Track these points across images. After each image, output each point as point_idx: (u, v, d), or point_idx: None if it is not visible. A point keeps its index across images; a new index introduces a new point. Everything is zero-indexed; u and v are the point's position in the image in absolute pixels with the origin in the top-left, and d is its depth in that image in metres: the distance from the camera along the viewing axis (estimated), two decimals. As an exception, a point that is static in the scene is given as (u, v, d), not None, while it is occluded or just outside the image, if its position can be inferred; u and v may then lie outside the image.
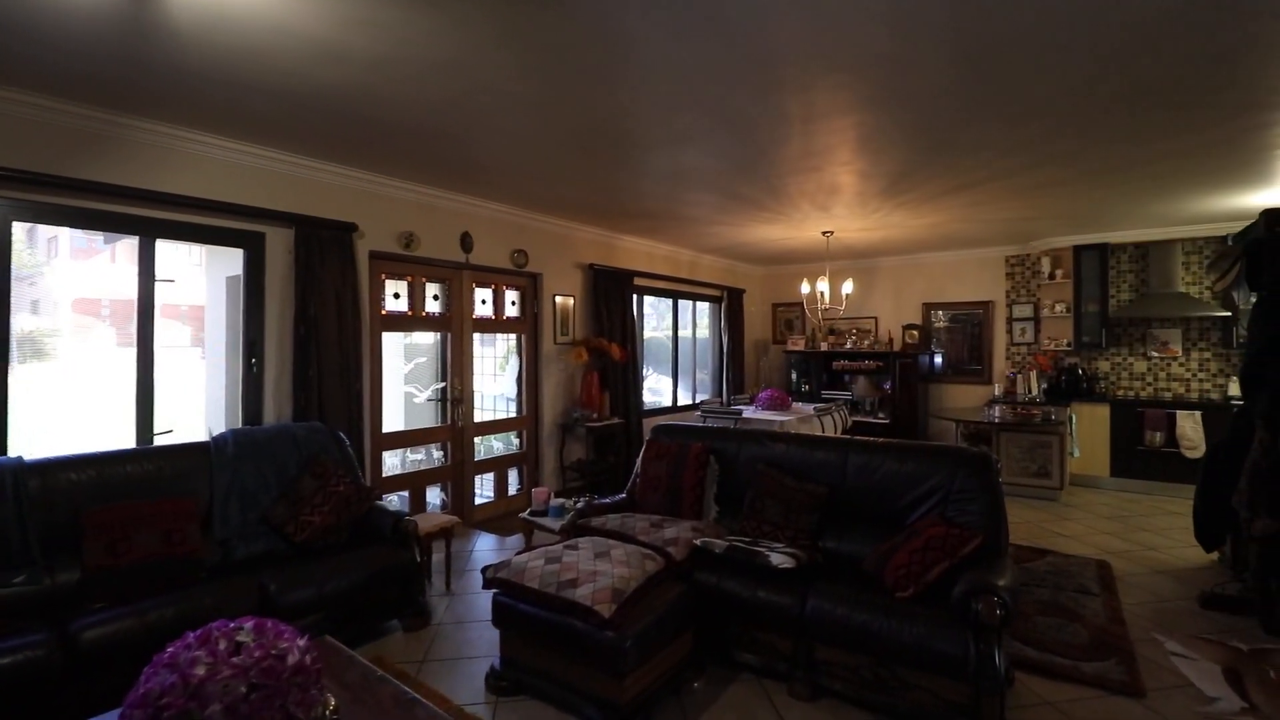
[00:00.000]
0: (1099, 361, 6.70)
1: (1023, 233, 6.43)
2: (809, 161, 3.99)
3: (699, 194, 4.80)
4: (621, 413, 6.12)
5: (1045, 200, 4.99)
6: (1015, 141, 3.63)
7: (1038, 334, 7.04)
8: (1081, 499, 5.81)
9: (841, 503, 3.17)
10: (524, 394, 5.55)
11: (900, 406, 7.28)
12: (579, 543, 2.96)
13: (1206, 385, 6.19)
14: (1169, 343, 6.35)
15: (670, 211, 5.38)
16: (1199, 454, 5.71)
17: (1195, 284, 6.24)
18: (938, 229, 6.11)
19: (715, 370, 8.26)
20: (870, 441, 3.26)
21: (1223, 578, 3.79)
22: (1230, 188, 4.63)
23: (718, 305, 8.22)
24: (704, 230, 6.25)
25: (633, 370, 6.34)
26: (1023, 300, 7.17)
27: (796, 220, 5.68)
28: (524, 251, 5.40)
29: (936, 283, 7.71)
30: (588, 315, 6.08)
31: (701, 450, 3.54)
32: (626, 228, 6.15)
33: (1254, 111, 3.19)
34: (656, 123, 3.36)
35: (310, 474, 3.43)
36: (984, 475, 2.86)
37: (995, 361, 7.34)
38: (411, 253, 4.57)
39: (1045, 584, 3.83)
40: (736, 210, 5.34)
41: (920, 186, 4.55)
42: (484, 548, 4.58)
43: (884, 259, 8.00)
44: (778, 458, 3.40)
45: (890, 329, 7.93)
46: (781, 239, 6.65)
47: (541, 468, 5.61)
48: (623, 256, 6.52)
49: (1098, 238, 6.41)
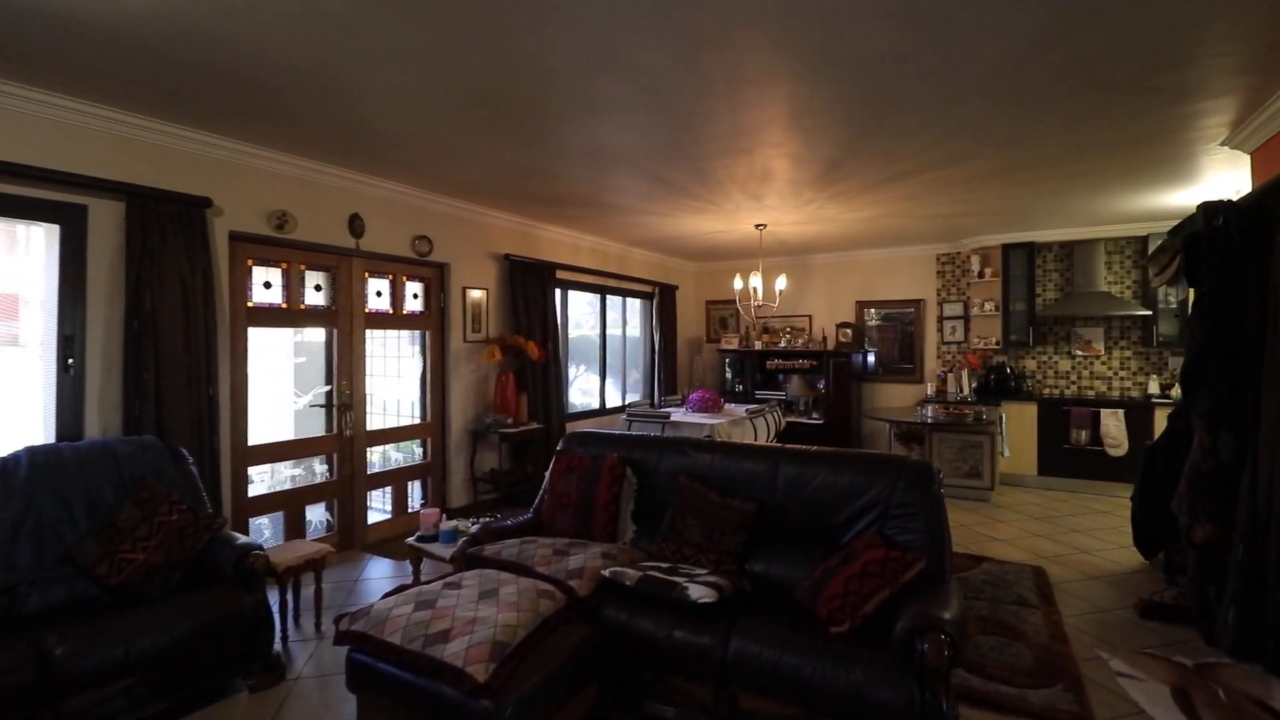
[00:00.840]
0: (1026, 360, 6.70)
1: (954, 230, 6.33)
2: (738, 142, 3.63)
3: (622, 177, 4.37)
4: (542, 417, 5.62)
5: (977, 195, 4.83)
6: (952, 124, 3.37)
7: (968, 333, 6.99)
8: (1012, 499, 5.73)
9: (772, 520, 2.81)
10: (429, 397, 4.97)
11: (834, 406, 7.09)
12: (464, 578, 2.47)
13: (1128, 383, 6.26)
14: (1092, 341, 6.39)
15: (593, 198, 4.93)
16: (1122, 451, 5.74)
17: (1117, 283, 6.30)
18: (871, 224, 5.92)
19: (646, 370, 7.87)
20: (803, 450, 2.91)
21: (1158, 584, 3.67)
22: (1154, 186, 4.59)
23: (649, 302, 7.83)
24: (632, 221, 5.84)
25: (555, 370, 5.86)
26: (953, 299, 7.12)
27: (728, 211, 5.34)
28: (428, 238, 4.82)
29: (870, 280, 7.58)
30: (504, 310, 5.55)
31: (616, 462, 3.11)
32: (547, 216, 5.66)
33: (1186, 99, 3.03)
34: (566, 87, 2.90)
35: (134, 501, 2.80)
36: (925, 487, 2.55)
37: (927, 360, 7.27)
38: (286, 235, 3.94)
39: (984, 595, 3.61)
40: (664, 198, 4.94)
41: (854, 175, 4.28)
42: (376, 575, 4.00)
43: (818, 256, 7.82)
44: (702, 469, 3.00)
45: (824, 327, 7.75)
46: (714, 232, 6.32)
47: (449, 479, 5.05)
48: (544, 248, 6.02)
49: (1025, 236, 6.39)
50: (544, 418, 5.66)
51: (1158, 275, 3.32)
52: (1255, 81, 2.85)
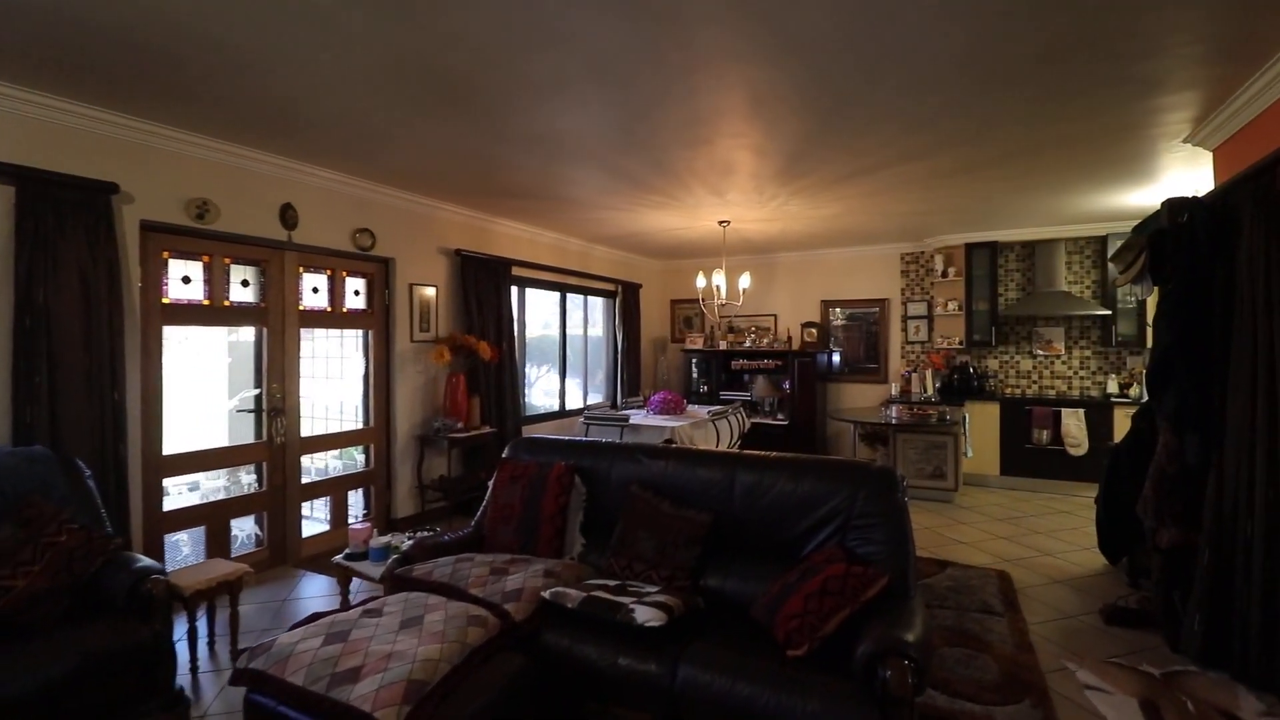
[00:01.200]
0: (989, 360, 6.69)
1: (918, 229, 6.27)
2: (697, 131, 3.44)
3: (576, 168, 4.16)
4: (496, 420, 5.37)
5: (939, 193, 4.74)
6: (912, 118, 3.25)
7: (931, 332, 6.95)
8: (975, 499, 5.68)
9: (728, 531, 2.62)
10: (372, 401, 4.68)
11: (799, 407, 6.98)
12: (387, 604, 2.23)
13: (1087, 383, 6.28)
14: (1053, 341, 6.40)
15: (547, 190, 4.70)
16: (1082, 451, 5.74)
17: (1077, 283, 6.32)
18: (836, 222, 5.81)
19: (609, 371, 7.66)
20: (761, 457, 2.73)
21: (1121, 588, 3.60)
22: (1114, 184, 4.56)
23: (612, 300, 7.62)
24: (591, 216, 5.62)
25: (510, 371, 5.61)
26: (917, 298, 7.07)
27: (690, 206, 5.17)
28: (370, 232, 4.53)
29: (834, 279, 7.50)
30: (455, 308, 5.28)
31: (564, 471, 2.89)
32: (502, 210, 5.40)
33: (1151, 92, 2.95)
34: (504, 65, 2.68)
35: (16, 520, 2.48)
36: (888, 496, 2.40)
37: (891, 360, 7.21)
38: (208, 226, 3.62)
39: (948, 604, 3.49)
40: (623, 191, 4.74)
41: (816, 170, 4.14)
42: (309, 594, 3.71)
43: (783, 254, 7.71)
44: (655, 478, 2.81)
45: (789, 327, 7.64)
46: (678, 229, 6.14)
47: (395, 488, 4.76)
48: (499, 243, 5.76)
49: (988, 236, 6.37)
50: (498, 421, 5.41)
51: (1122, 273, 3.24)
52: (1222, 73, 2.77)
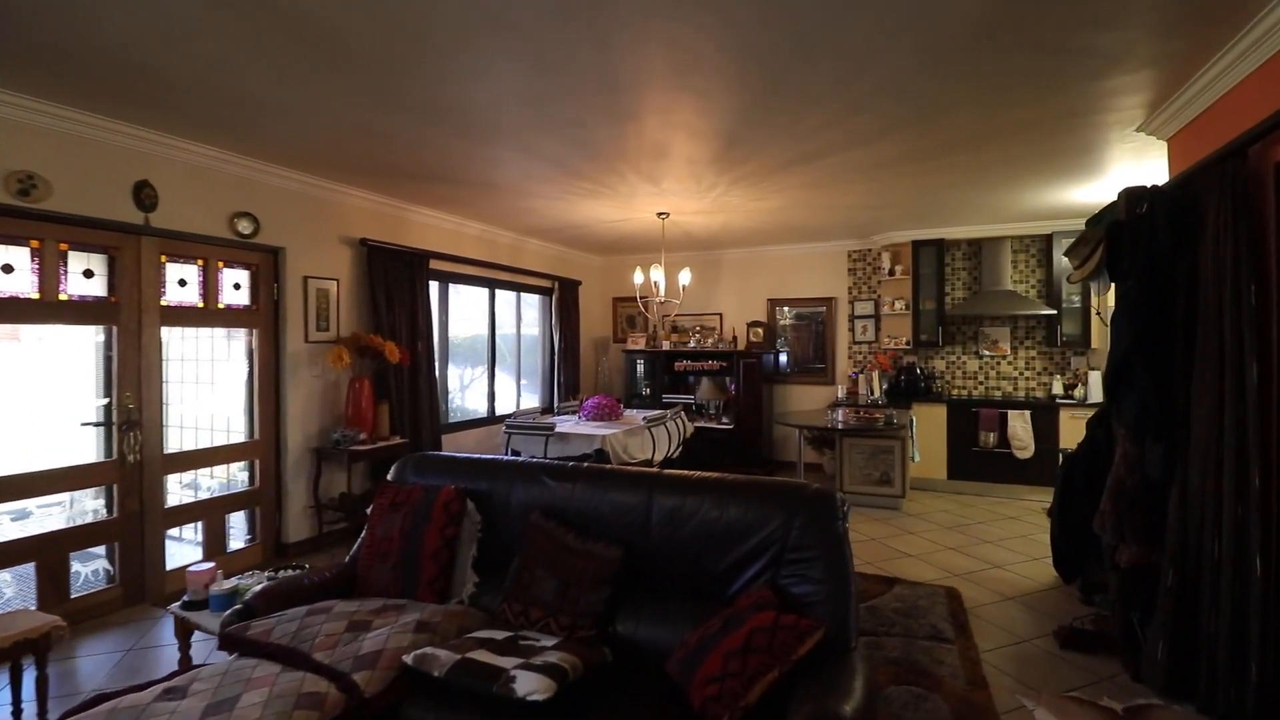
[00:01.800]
0: (935, 360, 6.52)
1: (865, 225, 6.04)
2: (619, 102, 3.04)
3: (490, 147, 3.69)
4: (408, 430, 4.84)
5: (885, 185, 4.48)
6: (854, 98, 2.94)
7: (878, 332, 6.75)
8: (922, 506, 5.46)
9: (644, 567, 2.22)
10: (257, 410, 4.10)
11: (744, 410, 6.67)
12: (196, 680, 1.73)
13: (1033, 384, 6.17)
14: (999, 341, 6.27)
15: (463, 173, 4.21)
16: (1029, 454, 5.59)
17: (1023, 282, 6.20)
18: (780, 216, 5.50)
19: (545, 373, 7.19)
20: (683, 478, 2.34)
21: (1074, 605, 3.37)
22: (1062, 178, 4.38)
23: (548, 298, 7.15)
24: (519, 205, 5.15)
25: (426, 375, 5.09)
26: (864, 297, 6.86)
27: (624, 196, 4.76)
28: (253, 216, 3.95)
29: (781, 277, 7.23)
30: (361, 305, 4.73)
31: (453, 496, 2.44)
32: (417, 196, 4.88)
33: (1107, 70, 2.70)
34: (399, 14, 2.21)
35: None
36: (827, 524, 2.04)
37: (838, 361, 6.98)
38: (35, 205, 3.01)
39: (895, 629, 3.19)
40: (550, 177, 4.30)
41: (755, 155, 3.79)
42: (166, 640, 3.14)
43: (728, 251, 7.40)
44: (560, 504, 2.38)
45: (735, 327, 7.34)
46: (615, 222, 5.73)
47: (285, 508, 4.19)
48: (416, 233, 5.22)
49: (935, 233, 6.18)
50: (412, 430, 4.89)
51: (1078, 268, 2.99)
52: (1183, 49, 2.53)
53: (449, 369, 5.92)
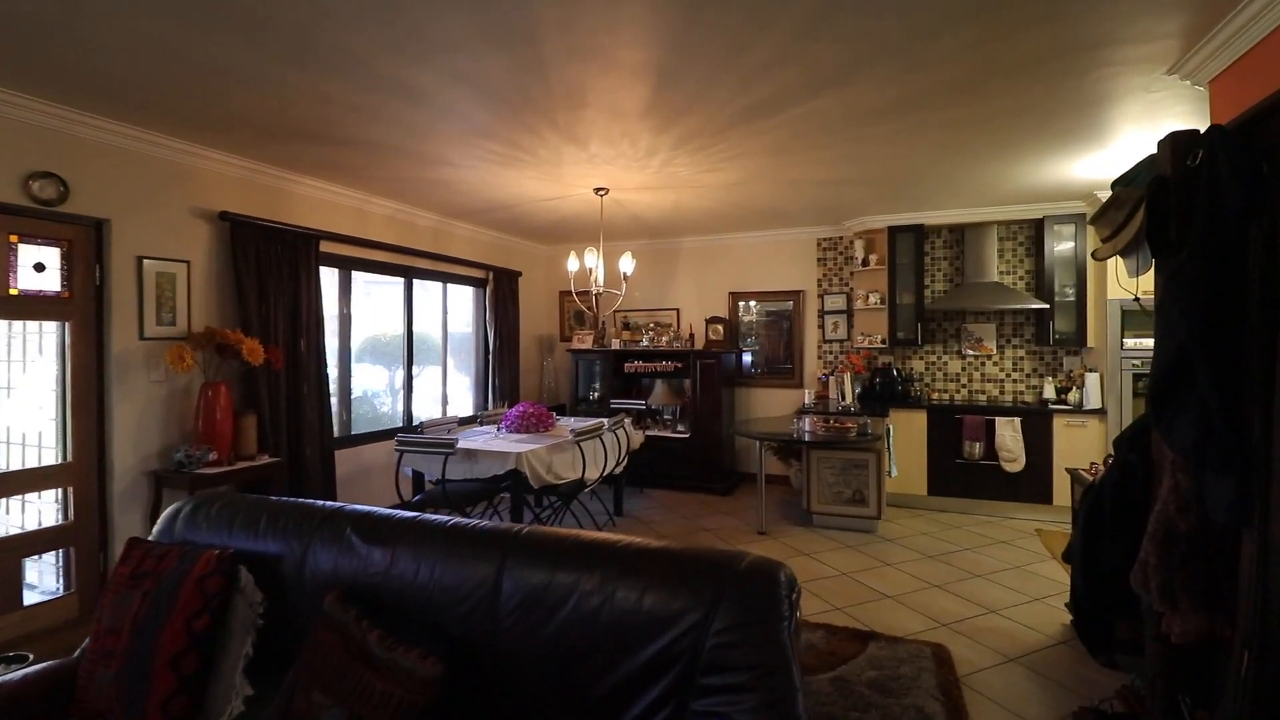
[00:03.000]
0: (914, 360, 5.85)
1: (835, 207, 5.33)
2: (510, 20, 2.25)
3: (360, 91, 2.87)
4: (287, 445, 4.00)
5: (858, 151, 3.76)
6: (812, 9, 2.19)
7: (851, 329, 6.06)
8: (901, 528, 4.77)
9: (484, 687, 1.44)
10: (71, 425, 3.22)
11: (702, 416, 5.93)
12: None
13: (1020, 387, 5.53)
14: (983, 339, 5.62)
15: (336, 128, 3.37)
16: (1019, 466, 4.94)
17: (1010, 273, 5.56)
18: (739, 194, 4.76)
19: (478, 375, 6.36)
20: (553, 539, 1.57)
21: (1094, 672, 2.68)
22: (1060, 145, 3.70)
23: (481, 290, 6.33)
24: (427, 177, 4.33)
25: (313, 379, 4.24)
26: (835, 290, 6.17)
27: (549, 164, 3.97)
28: (59, 179, 3.07)
29: (744, 268, 6.50)
30: (224, 294, 3.87)
31: (212, 568, 1.63)
32: (295, 161, 4.02)
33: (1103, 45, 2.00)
34: None
35: None
36: (765, 628, 1.28)
37: (807, 362, 6.28)
38: None
39: (871, 709, 2.45)
40: (449, 137, 3.50)
41: (698, 105, 3.03)
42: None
43: (686, 239, 6.65)
44: (371, 579, 1.59)
45: (694, 323, 6.59)
46: (549, 200, 4.94)
47: (111, 548, 3.32)
48: (303, 209, 4.37)
49: (913, 217, 5.51)
50: (291, 446, 4.04)
51: (1108, 240, 2.29)
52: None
53: (362, 371, 5.07)
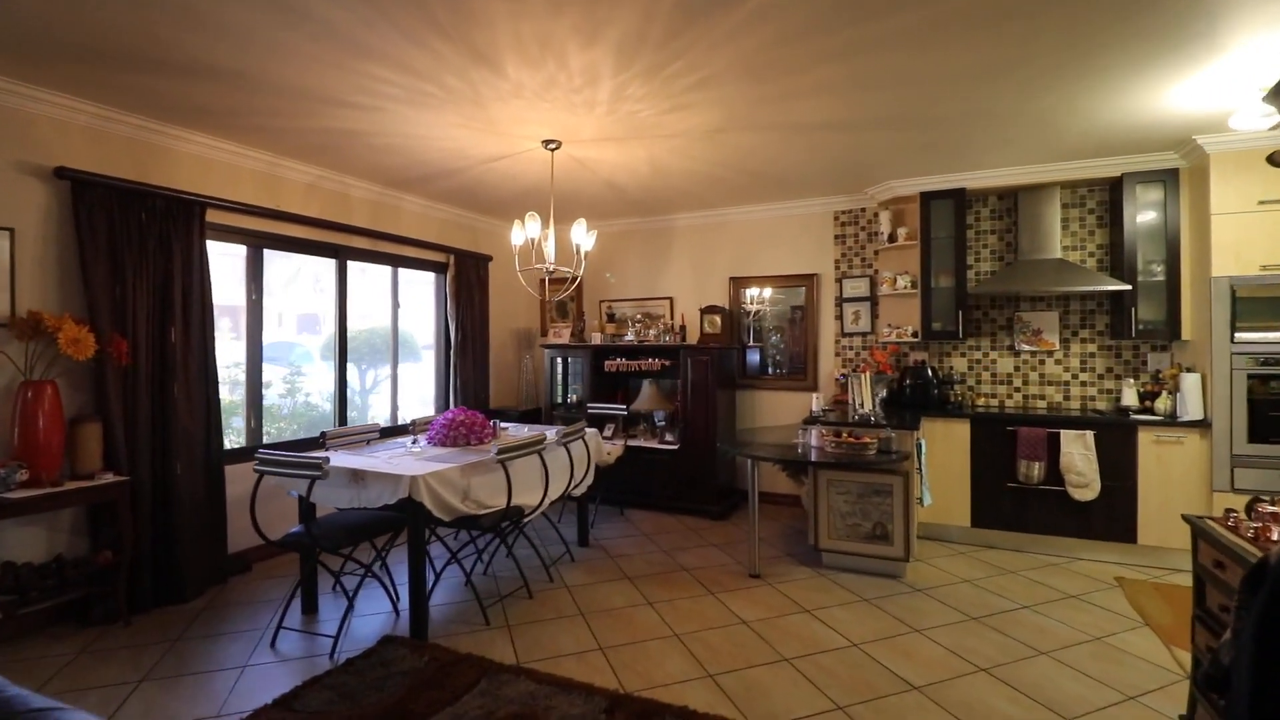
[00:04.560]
0: (954, 358, 4.78)
1: (855, 171, 4.32)
2: None
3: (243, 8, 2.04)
4: (151, 462, 3.20)
5: (873, 76, 2.77)
6: None
7: (875, 320, 5.03)
8: (936, 572, 3.73)
9: None
10: None
11: (693, 423, 4.97)
12: None
13: (1091, 391, 4.41)
14: (1043, 331, 4.53)
15: (212, 61, 2.56)
16: (1091, 494, 3.85)
17: (1078, 248, 4.45)
18: (727, 148, 3.80)
19: (439, 374, 5.53)
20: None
21: None
22: (1156, 60, 2.65)
23: (442, 277, 5.50)
24: (327, 126, 3.49)
25: (195, 378, 3.44)
26: (856, 272, 5.13)
27: (469, 102, 3.09)
28: None
29: (747, 250, 5.51)
30: (67, 270, 3.09)
31: None
32: (165, 109, 3.21)
33: None
34: None
35: None
36: None
37: (822, 358, 5.26)
38: None
39: None
40: (330, 62, 2.65)
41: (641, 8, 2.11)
42: None
43: (679, 217, 5.70)
44: None
45: (687, 313, 5.64)
46: (498, 161, 4.07)
47: (-124, 599, 2.55)
48: (186, 171, 3.58)
49: (952, 179, 4.45)
50: (157, 461, 3.25)
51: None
52: None
53: (292, 369, 4.29)
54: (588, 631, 2.94)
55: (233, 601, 3.33)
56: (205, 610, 3.23)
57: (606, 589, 3.46)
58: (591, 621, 3.04)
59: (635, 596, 3.35)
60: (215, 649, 2.80)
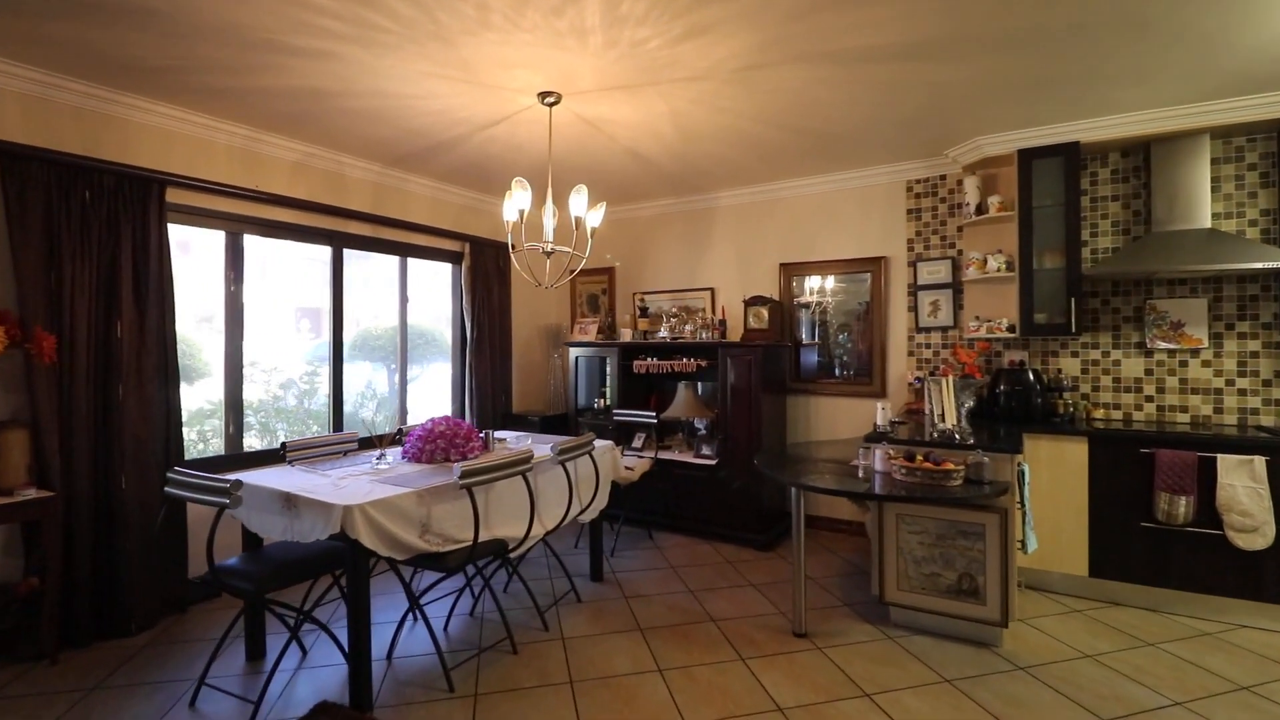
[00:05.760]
0: (1062, 358, 3.83)
1: (934, 126, 3.48)
2: None
3: None
4: (91, 476, 2.80)
5: None
6: None
7: (959, 312, 4.13)
8: (1043, 643, 2.85)
9: None
10: None
11: (734, 435, 4.22)
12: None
13: (1252, 402, 3.39)
14: (1185, 323, 3.53)
15: (167, 11, 2.11)
16: (1264, 541, 2.87)
17: (1234, 214, 3.43)
18: (764, 94, 3.06)
19: (454, 377, 5.02)
20: None
21: None
22: None
23: (458, 267, 4.99)
24: (285, 84, 3.01)
25: (150, 378, 3.03)
26: (934, 254, 4.25)
27: (433, 39, 2.51)
28: None
29: (802, 232, 4.72)
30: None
31: None
32: (120, 71, 2.80)
33: None
34: None
35: None
36: None
37: (891, 360, 4.40)
38: None
39: None
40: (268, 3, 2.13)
41: None
42: None
43: (723, 195, 4.96)
44: None
45: (733, 307, 4.90)
46: (495, 126, 3.51)
47: None
48: (145, 144, 3.17)
49: (1061, 131, 3.52)
50: (99, 476, 2.84)
51: None
52: None
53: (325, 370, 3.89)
54: (571, 712, 2.29)
55: (180, 638, 2.88)
56: (147, 648, 2.79)
57: (610, 645, 2.79)
58: (581, 697, 2.38)
59: (644, 659, 2.67)
60: (127, 705, 2.33)
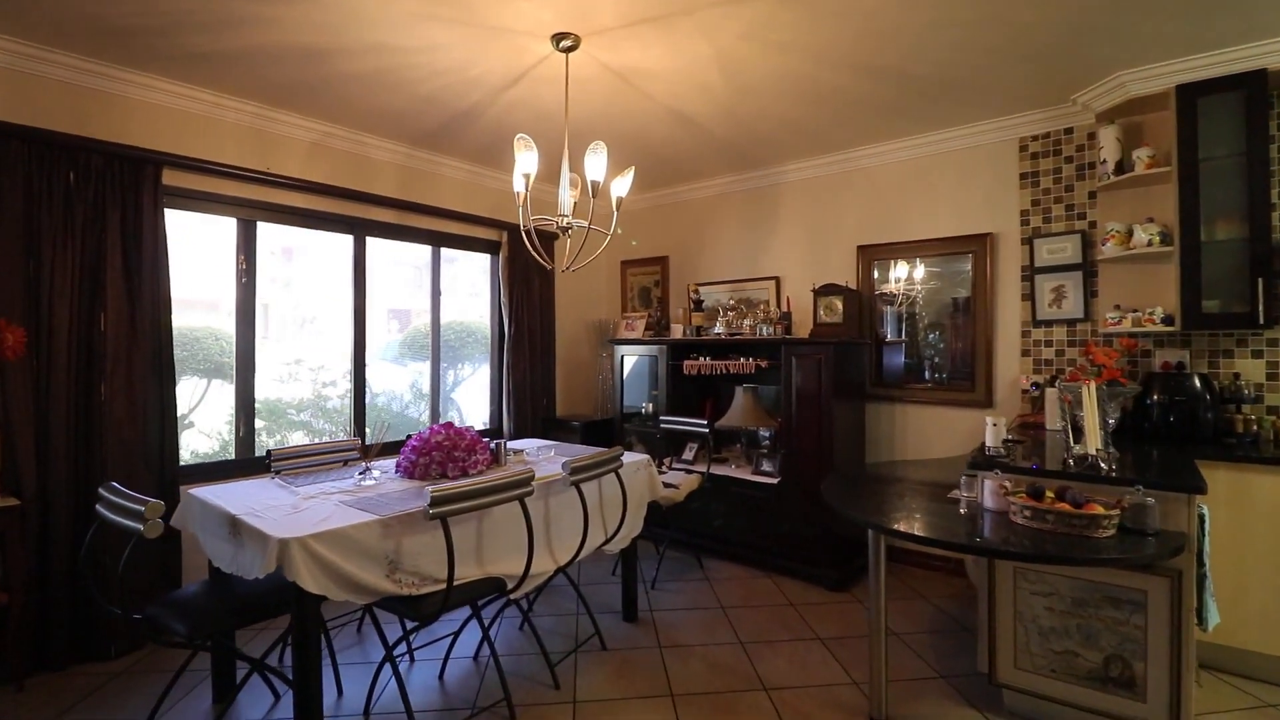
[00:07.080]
0: (1242, 358, 2.92)
1: (1059, 55, 2.71)
2: None
3: None
4: (70, 482, 2.55)
5: None
6: None
7: (1091, 300, 3.28)
8: (1229, 743, 2.05)
9: None
10: None
11: (800, 449, 3.56)
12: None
13: None
14: None
15: None
16: None
17: None
18: (844, 27, 2.42)
19: (493, 378, 4.62)
20: None
21: None
22: None
23: (495, 258, 4.60)
24: (286, 47, 2.67)
25: (140, 376, 2.77)
26: (1056, 229, 3.41)
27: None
28: None
29: (884, 207, 3.97)
30: (-28, 244, 2.52)
31: None
32: (93, 35, 2.56)
33: None
34: None
35: None
36: None
37: (998, 361, 3.59)
38: None
39: None
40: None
41: None
42: None
43: (788, 169, 4.28)
44: None
45: (801, 299, 4.21)
46: (513, 86, 3.05)
47: None
48: (144, 123, 2.92)
49: (1239, 57, 2.64)
50: (78, 481, 2.59)
51: None
52: None
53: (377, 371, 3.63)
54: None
55: (160, 666, 2.59)
56: (121, 675, 2.51)
57: (630, 718, 2.24)
58: (579, 791, 1.85)
59: (670, 739, 2.11)
60: (65, 755, 2.02)
